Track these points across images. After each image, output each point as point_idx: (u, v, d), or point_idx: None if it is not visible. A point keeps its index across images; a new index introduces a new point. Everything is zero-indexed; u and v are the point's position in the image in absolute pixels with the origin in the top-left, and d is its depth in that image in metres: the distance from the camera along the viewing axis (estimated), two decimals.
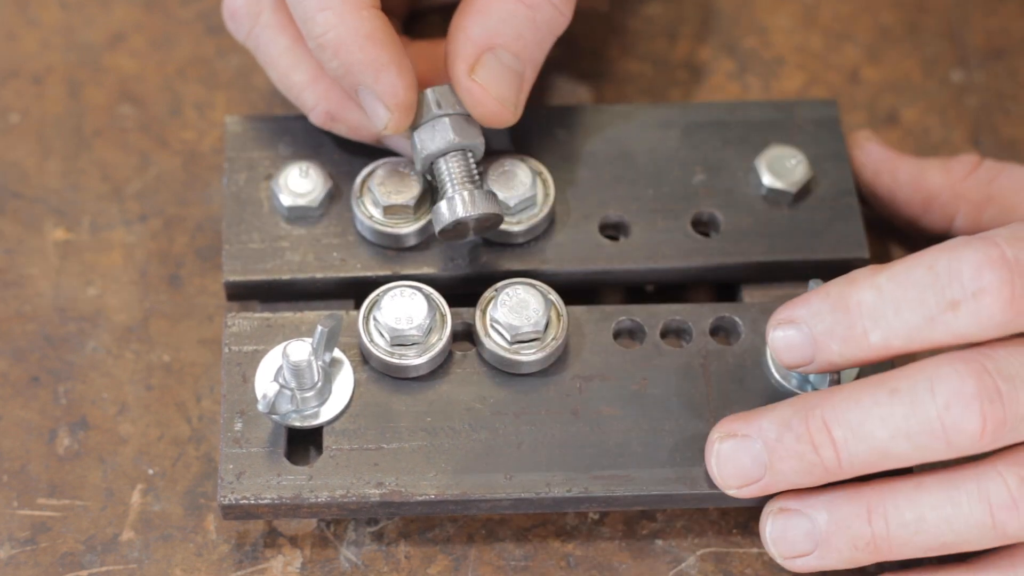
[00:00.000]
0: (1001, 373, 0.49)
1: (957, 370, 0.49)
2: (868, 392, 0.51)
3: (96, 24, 0.68)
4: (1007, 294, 0.49)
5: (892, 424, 0.50)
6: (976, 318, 0.50)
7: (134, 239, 0.63)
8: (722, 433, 0.53)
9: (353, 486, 0.55)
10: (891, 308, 0.51)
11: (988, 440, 0.49)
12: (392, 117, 0.56)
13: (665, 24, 0.69)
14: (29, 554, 0.57)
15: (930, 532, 0.51)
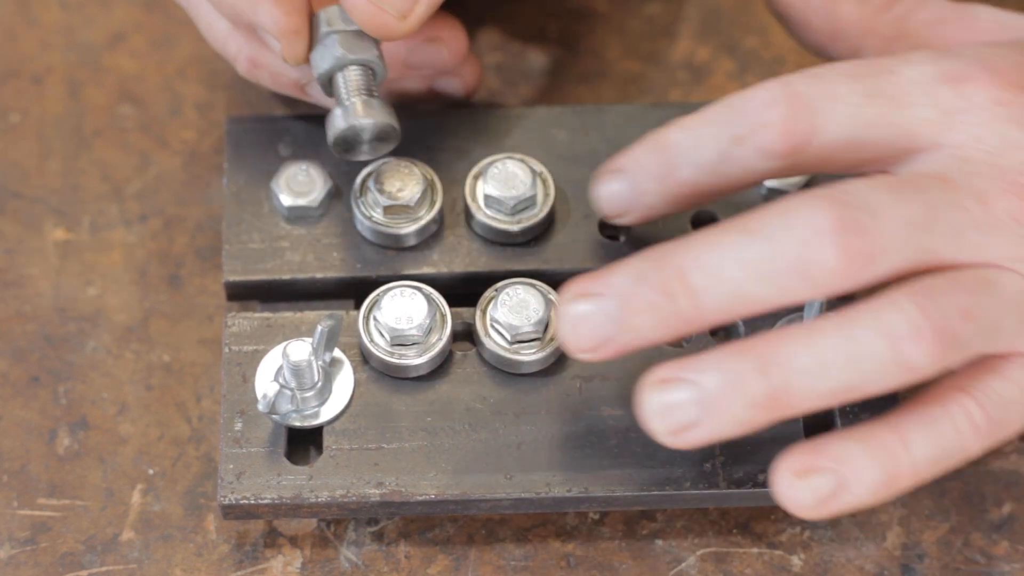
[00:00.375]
0: (862, 205, 0.48)
1: (813, 205, 0.48)
2: (724, 235, 0.49)
3: (96, 24, 0.68)
4: (781, 128, 0.50)
5: (749, 265, 0.48)
6: (757, 151, 0.51)
7: (134, 239, 0.63)
8: (573, 294, 0.50)
9: (353, 486, 0.55)
10: (693, 144, 0.53)
11: (852, 275, 0.48)
12: (281, 45, 0.55)
13: (665, 24, 0.69)
14: (29, 554, 0.57)
15: (833, 375, 0.48)
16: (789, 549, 0.58)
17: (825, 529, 0.58)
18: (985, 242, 0.50)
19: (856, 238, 0.48)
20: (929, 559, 0.58)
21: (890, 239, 0.48)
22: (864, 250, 0.48)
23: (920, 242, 0.49)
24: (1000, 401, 0.51)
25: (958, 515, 0.59)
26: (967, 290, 0.49)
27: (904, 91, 0.51)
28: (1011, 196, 0.50)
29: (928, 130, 0.51)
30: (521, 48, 0.68)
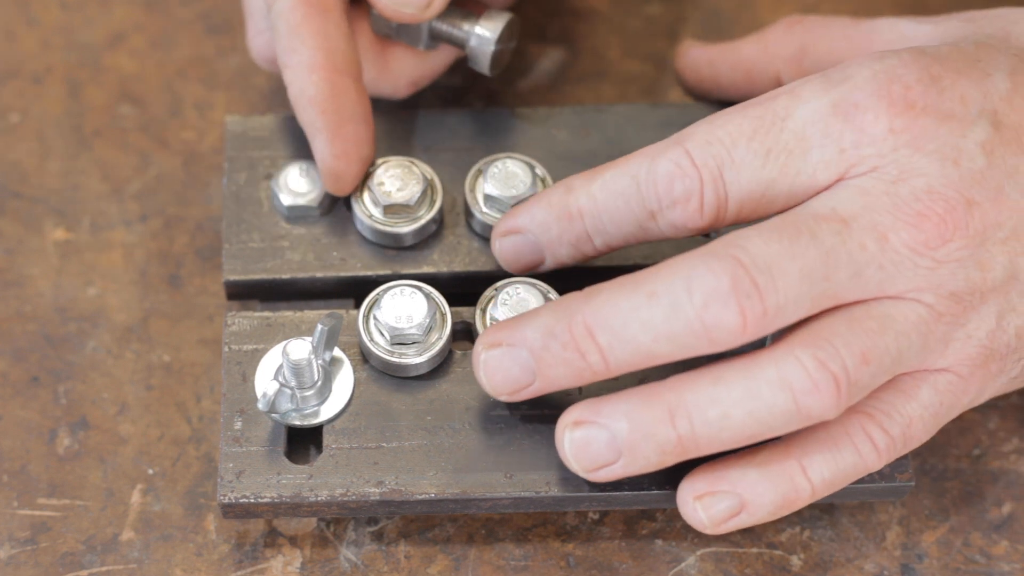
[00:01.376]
0: (756, 264, 0.49)
1: (711, 267, 0.49)
2: (626, 296, 0.50)
3: (96, 24, 0.69)
4: (695, 204, 0.51)
5: (653, 328, 0.49)
6: (673, 226, 0.52)
7: (134, 239, 0.63)
8: (487, 343, 0.53)
9: (353, 485, 0.55)
10: (606, 216, 0.53)
11: (751, 333, 0.49)
12: (324, 181, 0.58)
13: (665, 24, 0.69)
14: (29, 554, 0.57)
15: (736, 427, 0.50)
16: (789, 549, 0.58)
17: (825, 529, 0.58)
18: (884, 278, 0.50)
19: (753, 301, 0.49)
20: (929, 559, 0.58)
21: (786, 295, 0.49)
22: (761, 310, 0.49)
23: (818, 290, 0.49)
24: (903, 420, 0.52)
25: (958, 515, 0.59)
26: (866, 332, 0.50)
27: (800, 137, 0.51)
28: (908, 227, 0.50)
29: (828, 171, 0.51)
30: (521, 48, 0.68)
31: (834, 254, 0.49)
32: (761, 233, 0.50)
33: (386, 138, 0.62)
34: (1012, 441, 0.60)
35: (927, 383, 0.52)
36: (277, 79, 0.67)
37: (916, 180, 0.50)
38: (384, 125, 0.62)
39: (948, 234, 0.50)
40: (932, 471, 0.59)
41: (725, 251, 0.49)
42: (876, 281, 0.50)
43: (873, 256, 0.50)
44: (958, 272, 0.50)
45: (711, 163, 0.51)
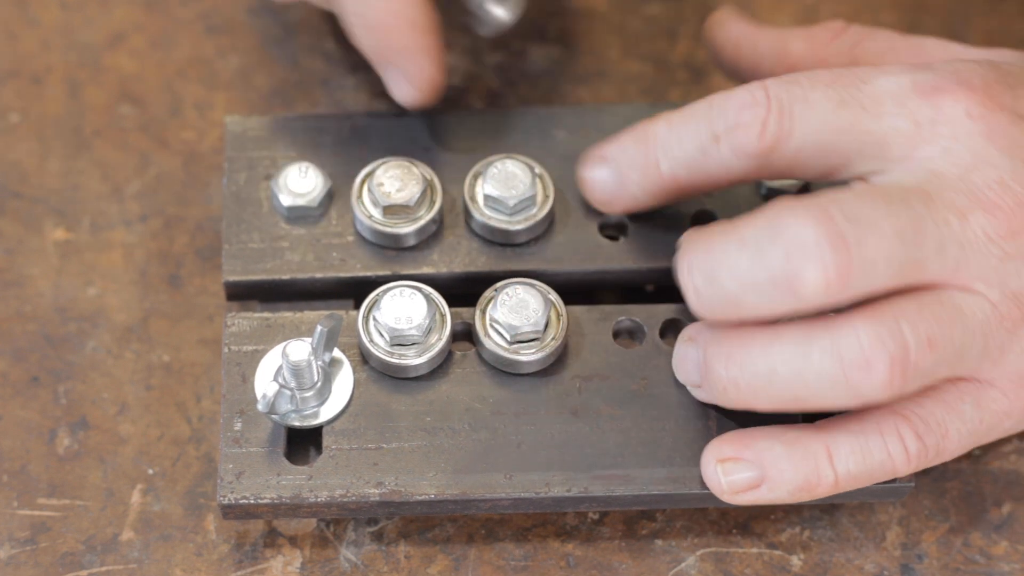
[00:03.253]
0: (847, 217, 0.48)
1: (798, 216, 0.49)
2: (719, 242, 0.50)
3: (96, 24, 0.68)
4: (757, 129, 0.52)
5: (738, 275, 0.49)
6: (733, 151, 0.52)
7: (134, 239, 0.63)
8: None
9: (353, 486, 0.55)
10: (675, 139, 0.54)
11: (837, 288, 0.48)
12: (421, 96, 0.59)
13: (665, 24, 0.69)
14: (29, 554, 0.57)
15: (781, 384, 0.50)
16: (789, 549, 0.58)
17: (825, 529, 0.58)
18: (964, 259, 0.50)
19: (840, 255, 0.48)
20: (929, 559, 0.58)
21: (876, 252, 0.48)
22: (847, 264, 0.48)
23: (906, 255, 0.49)
24: (939, 430, 0.52)
25: (958, 515, 0.59)
26: (936, 318, 0.49)
27: (877, 100, 0.51)
28: (984, 212, 0.50)
29: (900, 141, 0.51)
30: (521, 48, 0.68)
31: (923, 222, 0.49)
32: (856, 193, 0.50)
33: (386, 138, 0.62)
34: (1012, 441, 0.60)
35: (971, 396, 0.52)
36: (277, 79, 0.67)
37: (988, 170, 0.50)
38: (384, 125, 0.62)
39: (1017, 227, 0.50)
40: (932, 471, 0.59)
41: (816, 203, 0.49)
42: (954, 261, 0.50)
43: (955, 233, 0.50)
44: (1022, 270, 0.50)
45: (784, 97, 0.52)
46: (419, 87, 0.59)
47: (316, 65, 0.68)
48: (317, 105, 0.67)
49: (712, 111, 0.53)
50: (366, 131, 0.62)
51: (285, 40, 0.68)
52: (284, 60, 0.68)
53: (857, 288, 0.49)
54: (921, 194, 0.50)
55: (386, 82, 0.60)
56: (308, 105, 0.67)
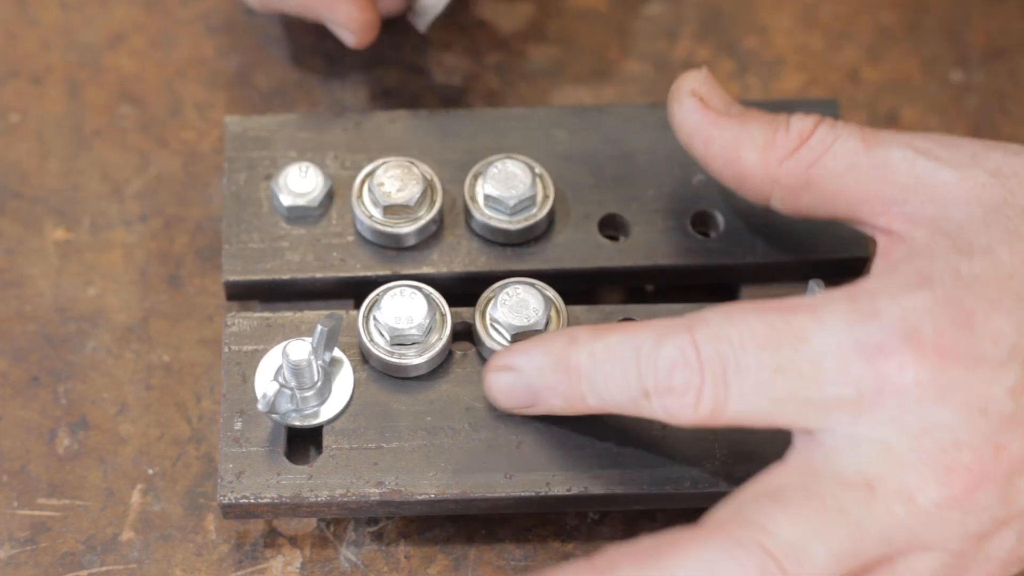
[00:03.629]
0: (784, 552, 0.46)
1: (736, 559, 0.46)
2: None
3: (96, 24, 0.68)
4: (691, 399, 0.48)
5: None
6: (666, 411, 0.49)
7: (134, 239, 0.63)
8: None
9: (353, 485, 0.55)
10: (601, 380, 0.51)
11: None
12: (358, 37, 0.61)
13: (665, 24, 0.69)
14: (29, 554, 0.57)
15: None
16: None
17: None
18: (911, 536, 0.48)
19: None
20: None
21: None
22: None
23: (846, 565, 0.47)
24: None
25: None
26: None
27: (816, 365, 0.48)
28: (935, 484, 0.47)
29: (843, 409, 0.48)
30: (521, 48, 0.68)
31: (863, 527, 0.47)
32: (787, 511, 0.47)
33: (386, 138, 0.62)
34: None
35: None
36: (277, 79, 0.67)
37: (941, 433, 0.47)
38: (384, 125, 0.62)
39: (976, 485, 0.47)
40: None
41: (750, 537, 0.47)
42: (904, 541, 0.48)
43: (901, 521, 0.47)
44: (983, 515, 0.48)
45: (716, 361, 0.48)
46: (354, 30, 0.61)
47: (316, 65, 0.68)
48: (317, 105, 0.67)
49: (640, 361, 0.49)
50: (366, 131, 0.62)
51: (285, 40, 0.68)
52: (284, 60, 0.68)
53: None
54: (863, 487, 0.47)
55: (335, 33, 0.63)
56: (308, 105, 0.67)
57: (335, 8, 0.61)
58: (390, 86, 0.67)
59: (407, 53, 0.68)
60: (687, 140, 0.55)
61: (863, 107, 0.67)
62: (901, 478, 0.47)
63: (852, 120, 0.66)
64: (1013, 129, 0.67)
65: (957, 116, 0.67)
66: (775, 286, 0.60)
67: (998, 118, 0.67)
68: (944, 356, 0.47)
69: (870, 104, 0.67)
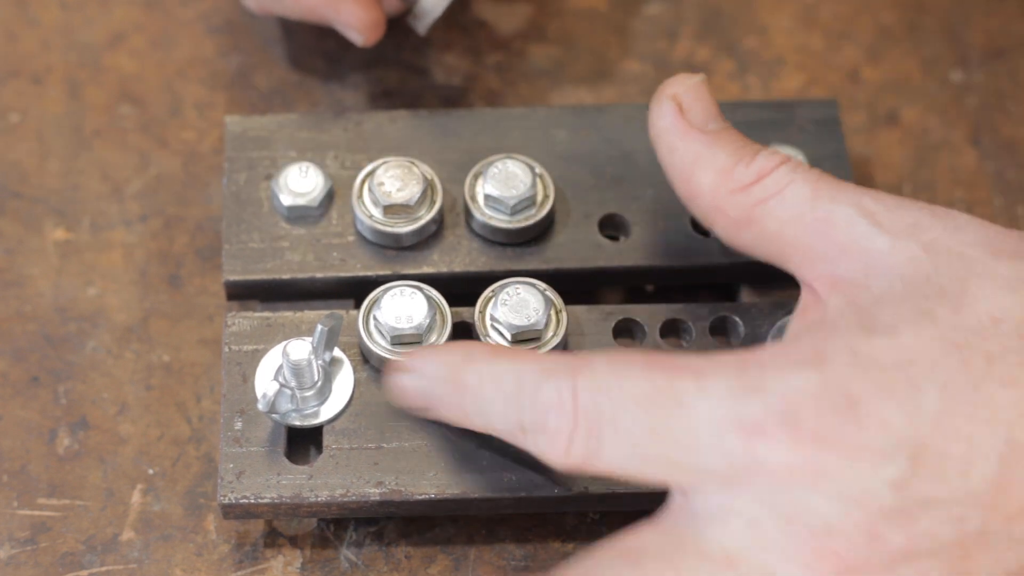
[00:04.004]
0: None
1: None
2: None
3: (96, 24, 0.68)
4: (562, 444, 0.48)
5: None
6: (538, 450, 0.49)
7: (134, 239, 0.63)
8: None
9: (353, 485, 0.55)
10: (487, 404, 0.50)
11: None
12: (365, 36, 0.62)
13: (665, 24, 0.69)
14: (29, 554, 0.57)
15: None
16: None
17: None
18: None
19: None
20: None
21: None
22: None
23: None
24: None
25: None
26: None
27: (691, 432, 0.47)
28: (799, 568, 0.46)
29: (714, 480, 0.47)
30: (521, 48, 0.68)
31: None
32: (646, 573, 0.47)
33: (386, 138, 0.62)
34: None
35: None
36: (277, 79, 0.67)
37: (812, 518, 0.46)
38: (384, 125, 0.62)
39: (846, 571, 0.46)
40: None
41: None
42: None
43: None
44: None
45: (592, 412, 0.47)
46: (361, 30, 0.62)
47: (316, 65, 0.68)
48: (317, 105, 0.67)
49: (520, 394, 0.49)
50: (366, 131, 0.62)
51: (285, 40, 0.68)
52: (284, 60, 0.68)
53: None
54: (723, 564, 0.46)
55: (345, 35, 0.63)
56: (308, 105, 0.67)
57: (340, 10, 0.61)
58: (390, 86, 0.67)
59: (407, 53, 0.68)
60: (654, 142, 0.55)
61: (863, 107, 0.67)
62: (765, 558, 0.46)
63: (852, 120, 0.66)
64: (1013, 129, 0.67)
65: (957, 116, 0.67)
66: (774, 286, 0.60)
67: (998, 118, 0.67)
68: (820, 442, 0.46)
69: (870, 104, 0.67)
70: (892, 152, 0.66)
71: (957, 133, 0.67)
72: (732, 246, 0.54)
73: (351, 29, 0.62)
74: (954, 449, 0.46)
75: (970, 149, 0.66)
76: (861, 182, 0.65)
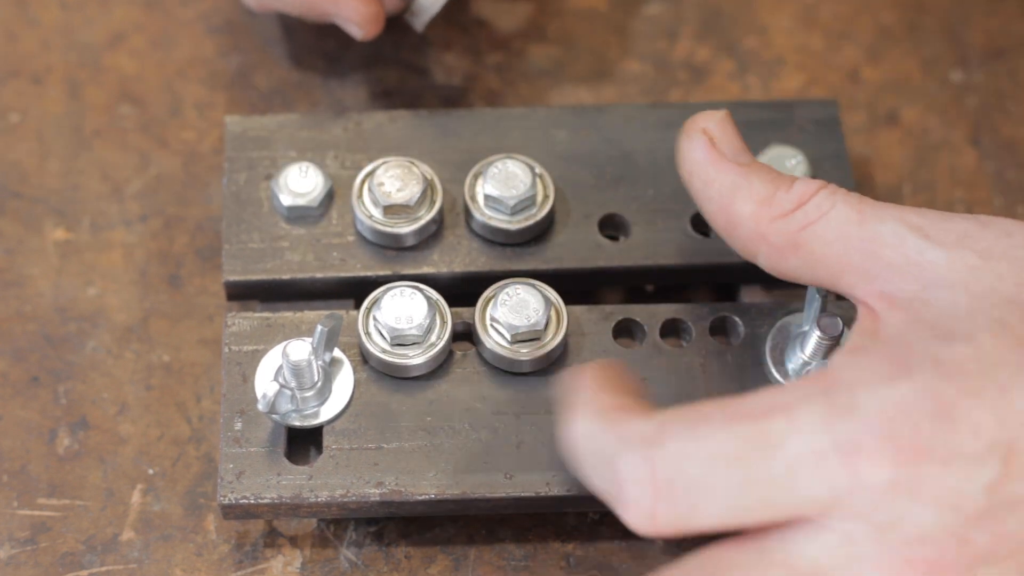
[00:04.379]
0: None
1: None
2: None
3: (96, 24, 0.68)
4: (645, 515, 0.47)
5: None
6: (625, 518, 0.48)
7: (134, 239, 0.63)
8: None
9: (353, 486, 0.55)
10: (580, 465, 0.49)
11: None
12: (365, 30, 0.62)
13: (665, 24, 0.69)
14: (29, 554, 0.57)
15: None
16: None
17: None
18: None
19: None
20: None
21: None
22: None
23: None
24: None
25: None
26: None
27: (790, 470, 0.46)
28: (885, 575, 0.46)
29: (815, 508, 0.46)
30: (521, 48, 0.68)
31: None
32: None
33: (386, 138, 0.62)
34: None
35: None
36: (277, 79, 0.67)
37: (908, 528, 0.46)
38: (384, 125, 0.62)
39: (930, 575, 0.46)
40: None
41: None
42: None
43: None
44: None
45: (676, 482, 0.46)
46: (360, 24, 0.62)
47: (316, 65, 0.68)
48: (317, 105, 0.67)
49: (600, 464, 0.48)
50: (366, 131, 0.62)
51: (285, 40, 0.68)
52: (284, 60, 0.68)
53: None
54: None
55: (344, 28, 0.63)
56: (308, 105, 0.67)
57: (340, 4, 0.61)
58: (390, 86, 0.67)
59: (407, 53, 0.68)
60: (688, 177, 0.54)
61: (863, 107, 0.67)
62: (856, 570, 0.46)
63: (852, 120, 0.66)
64: (1013, 129, 0.67)
65: (957, 116, 0.67)
66: (774, 286, 0.60)
67: (998, 118, 0.67)
68: (921, 453, 0.45)
69: (870, 104, 0.67)
70: (892, 152, 0.66)
71: (957, 133, 0.67)
72: (777, 274, 0.53)
73: (350, 23, 0.62)
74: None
75: (970, 149, 0.66)
76: (861, 182, 0.65)
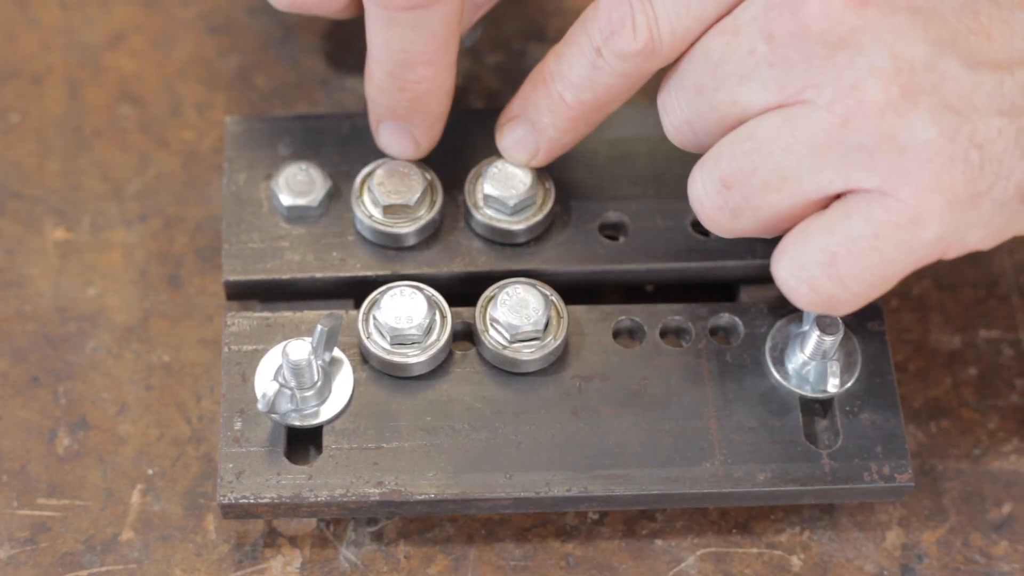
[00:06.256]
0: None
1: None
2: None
3: (96, 24, 0.68)
4: (629, 28, 0.53)
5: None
6: (616, 56, 0.53)
7: (134, 239, 0.63)
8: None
9: (353, 485, 0.55)
10: (567, 66, 0.55)
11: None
12: (420, 153, 0.59)
13: None
14: (29, 554, 0.57)
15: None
16: (788, 549, 0.58)
17: (824, 529, 0.58)
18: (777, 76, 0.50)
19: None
20: (928, 559, 0.58)
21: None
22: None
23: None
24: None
25: (957, 515, 0.59)
26: (733, 154, 0.51)
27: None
28: (790, 16, 0.50)
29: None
30: (521, 48, 0.68)
31: (724, 61, 0.52)
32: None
33: None
34: (1012, 441, 0.60)
35: (858, 211, 0.50)
36: (277, 79, 0.67)
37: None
38: None
39: (837, 15, 0.49)
40: (932, 471, 0.59)
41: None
42: (773, 82, 0.50)
43: (763, 57, 0.50)
44: (858, 61, 0.49)
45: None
46: (425, 146, 0.59)
47: (316, 65, 0.68)
48: (317, 105, 0.67)
49: (586, 27, 0.54)
50: (366, 131, 0.62)
51: (285, 40, 0.68)
52: (284, 60, 0.68)
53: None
54: (732, 33, 0.51)
55: (383, 133, 0.59)
56: (308, 105, 0.67)
57: (432, 124, 0.59)
58: None
59: None
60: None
61: None
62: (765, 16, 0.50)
63: None
64: None
65: None
66: (774, 286, 0.60)
67: None
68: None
69: None
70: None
71: None
72: None
73: (415, 141, 0.60)
74: None
75: None
76: None
